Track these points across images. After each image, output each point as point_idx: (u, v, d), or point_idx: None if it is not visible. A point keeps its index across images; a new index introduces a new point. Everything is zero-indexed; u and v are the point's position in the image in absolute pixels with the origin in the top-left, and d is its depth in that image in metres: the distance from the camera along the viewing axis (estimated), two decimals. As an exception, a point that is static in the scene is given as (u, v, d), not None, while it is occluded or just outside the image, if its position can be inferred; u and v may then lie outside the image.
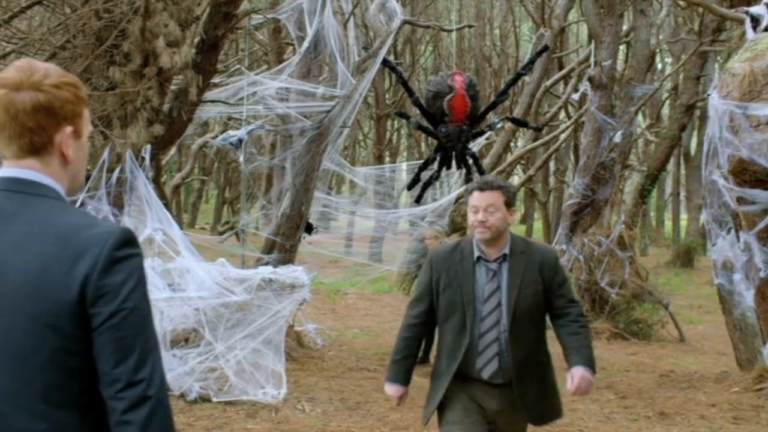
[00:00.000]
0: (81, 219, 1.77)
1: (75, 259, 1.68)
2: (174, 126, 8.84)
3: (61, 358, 1.68)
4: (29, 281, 1.67)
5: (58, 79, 1.79)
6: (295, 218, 10.29)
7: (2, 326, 1.68)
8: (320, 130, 10.14)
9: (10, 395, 1.67)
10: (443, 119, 9.18)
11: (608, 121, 12.48)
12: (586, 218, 12.91)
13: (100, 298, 1.68)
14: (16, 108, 1.74)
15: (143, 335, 1.71)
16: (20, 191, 1.76)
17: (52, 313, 1.66)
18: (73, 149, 1.81)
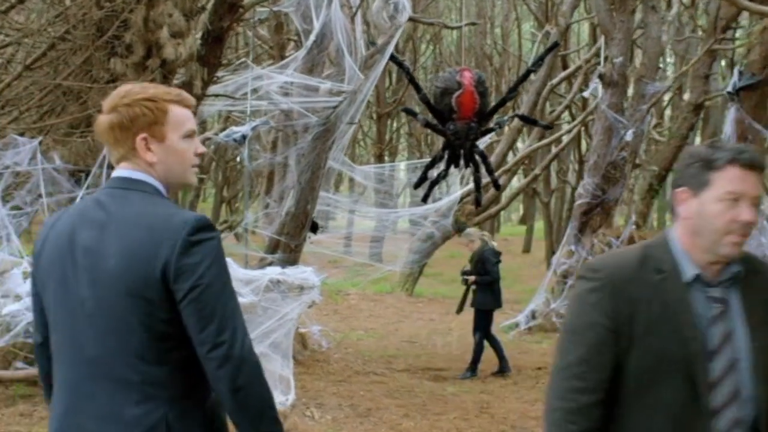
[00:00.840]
0: (165, 209, 2.12)
1: (158, 243, 2.04)
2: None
3: (150, 324, 2.06)
4: (124, 261, 2.06)
5: (132, 98, 2.17)
6: (301, 217, 9.97)
7: (106, 297, 2.08)
8: (326, 126, 9.82)
9: (113, 351, 2.07)
10: (451, 116, 8.84)
11: (619, 119, 12.17)
12: (596, 218, 12.59)
13: (179, 276, 2.03)
14: (103, 128, 2.19)
15: (221, 304, 2.05)
16: (121, 187, 2.17)
17: (142, 288, 2.04)
18: (154, 152, 2.18)
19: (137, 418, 2.06)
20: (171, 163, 2.21)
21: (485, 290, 9.56)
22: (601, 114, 12.42)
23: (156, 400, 2.08)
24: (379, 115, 24.67)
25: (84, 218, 2.17)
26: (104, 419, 2.08)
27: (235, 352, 2.03)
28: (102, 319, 2.09)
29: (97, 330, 2.10)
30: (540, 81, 16.63)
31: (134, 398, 2.07)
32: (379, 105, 24.70)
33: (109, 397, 2.08)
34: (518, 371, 9.61)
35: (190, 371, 2.10)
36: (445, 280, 21.08)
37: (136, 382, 2.07)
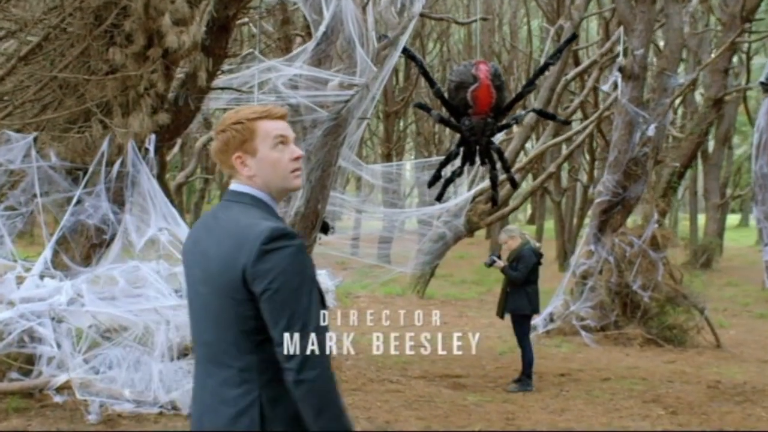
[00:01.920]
0: (252, 219, 2.40)
1: (240, 250, 2.33)
2: (180, 115, 8.04)
3: (242, 319, 2.35)
4: (219, 265, 2.38)
5: (225, 124, 2.51)
6: (311, 217, 9.47)
7: (210, 295, 2.42)
8: (337, 121, 9.32)
9: (218, 340, 2.40)
10: (466, 111, 8.38)
11: (640, 113, 11.68)
12: (617, 217, 12.11)
13: (254, 280, 2.30)
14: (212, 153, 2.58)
15: (289, 306, 2.28)
16: (228, 199, 2.52)
17: (231, 289, 2.34)
18: (249, 167, 2.49)
19: (235, 399, 2.37)
20: (267, 173, 2.49)
21: (519, 292, 8.90)
22: (622, 108, 11.92)
23: (250, 383, 2.36)
24: (387, 113, 24.20)
25: (205, 224, 2.57)
26: (214, 396, 2.42)
27: (302, 349, 2.27)
28: (212, 313, 2.43)
29: (207, 321, 2.46)
30: (554, 76, 16.14)
31: (234, 381, 2.38)
32: (387, 103, 24.24)
33: (218, 378, 2.41)
34: (540, 378, 9.11)
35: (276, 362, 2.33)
36: (455, 281, 20.62)
37: (236, 368, 2.38)
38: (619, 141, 11.93)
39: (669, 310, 11.83)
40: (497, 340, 11.83)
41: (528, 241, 9.11)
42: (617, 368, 9.96)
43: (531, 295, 8.82)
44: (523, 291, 8.78)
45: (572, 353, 10.91)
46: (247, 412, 2.37)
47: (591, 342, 11.42)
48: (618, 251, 11.82)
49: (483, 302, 16.76)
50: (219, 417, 2.41)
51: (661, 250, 11.80)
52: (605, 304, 11.80)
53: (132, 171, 6.98)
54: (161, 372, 6.48)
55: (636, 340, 11.39)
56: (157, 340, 6.52)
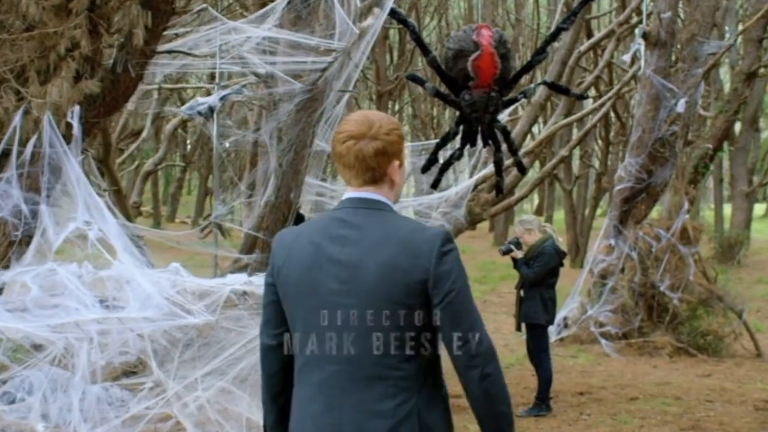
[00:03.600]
0: (411, 225, 2.60)
1: (415, 255, 2.48)
2: (118, 84, 6.97)
3: (406, 325, 2.49)
4: (382, 273, 2.48)
5: (388, 127, 2.61)
6: (282, 208, 8.46)
7: (367, 305, 2.49)
8: (313, 93, 8.30)
9: (371, 351, 2.49)
10: (467, 84, 7.42)
11: (668, 85, 10.66)
12: (640, 206, 11.12)
13: (437, 283, 2.47)
14: (363, 153, 2.57)
15: (470, 305, 2.51)
16: (365, 207, 2.59)
17: (401, 293, 2.47)
18: (398, 176, 2.67)
19: (393, 410, 2.47)
20: (401, 185, 2.71)
21: (533, 298, 7.81)
22: (646, 80, 10.91)
23: (408, 392, 2.49)
24: (379, 93, 23.17)
25: (329, 234, 2.57)
26: (364, 411, 2.48)
27: (484, 345, 2.48)
28: (363, 322, 2.49)
29: (357, 332, 2.49)
30: (565, 48, 15.06)
31: (389, 392, 2.48)
32: (379, 82, 23.23)
33: (366, 391, 2.48)
34: (555, 397, 8.11)
35: (433, 367, 2.55)
36: (456, 279, 19.59)
37: (391, 378, 2.48)
38: (644, 118, 10.93)
39: (702, 314, 10.86)
40: (504, 349, 10.82)
41: (550, 236, 8.00)
42: (645, 384, 8.96)
43: (547, 301, 7.75)
44: (537, 296, 7.73)
45: (591, 365, 9.91)
46: (406, 422, 2.48)
47: (612, 351, 10.45)
48: (642, 246, 10.85)
49: (487, 303, 15.74)
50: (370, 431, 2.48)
51: (692, 244, 10.78)
52: (628, 308, 10.87)
53: (50, 151, 5.93)
54: (83, 401, 5.48)
55: (664, 350, 10.41)
56: (79, 362, 5.50)
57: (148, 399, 5.54)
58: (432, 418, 2.51)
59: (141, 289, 5.36)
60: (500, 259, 23.28)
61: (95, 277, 5.62)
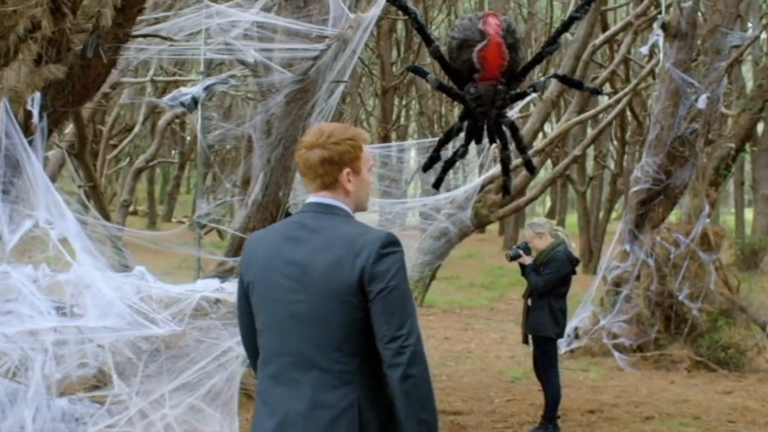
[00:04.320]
0: (359, 229, 2.82)
1: (356, 255, 2.72)
2: (89, 70, 6.54)
3: (350, 321, 2.73)
4: (328, 272, 2.74)
5: (338, 137, 2.87)
6: (270, 207, 8.11)
7: (314, 301, 2.75)
8: (304, 84, 7.93)
9: (317, 345, 2.74)
10: (472, 76, 7.02)
11: (689, 80, 10.23)
12: (658, 209, 10.68)
13: (372, 281, 2.70)
14: (313, 161, 2.87)
15: (402, 305, 2.69)
16: (321, 211, 2.87)
17: (344, 292, 2.71)
18: (352, 184, 2.89)
19: (336, 401, 2.70)
20: (361, 193, 2.94)
21: (541, 308, 7.34)
22: (666, 74, 10.47)
23: (350, 385, 2.72)
24: (384, 89, 22.77)
25: (287, 236, 2.86)
26: (309, 401, 2.71)
27: (410, 345, 2.65)
28: (310, 320, 2.75)
29: (306, 329, 2.76)
30: (579, 42, 14.67)
31: (332, 384, 2.71)
32: (384, 78, 22.85)
33: (312, 384, 2.72)
34: (563, 415, 7.68)
35: (376, 363, 2.72)
36: (462, 285, 19.20)
37: (335, 370, 2.72)
38: (662, 115, 10.48)
39: (723, 325, 10.39)
40: (510, 361, 10.41)
41: (562, 241, 7.51)
42: (661, 402, 8.52)
43: (557, 312, 7.29)
44: (546, 306, 7.27)
45: (603, 380, 9.46)
46: (346, 414, 2.69)
47: (626, 365, 10.00)
48: (660, 252, 10.40)
49: (494, 311, 15.34)
50: (314, 422, 2.70)
51: (713, 250, 10.34)
52: (643, 318, 10.42)
53: (6, 142, 5.53)
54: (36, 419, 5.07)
55: (682, 364, 9.96)
56: (32, 376, 5.09)
57: (110, 416, 5.14)
58: (374, 414, 2.74)
59: (101, 295, 4.96)
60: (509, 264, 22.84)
61: (53, 281, 5.23)
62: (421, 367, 2.66)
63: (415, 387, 2.64)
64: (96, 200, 8.77)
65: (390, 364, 2.66)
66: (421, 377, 2.65)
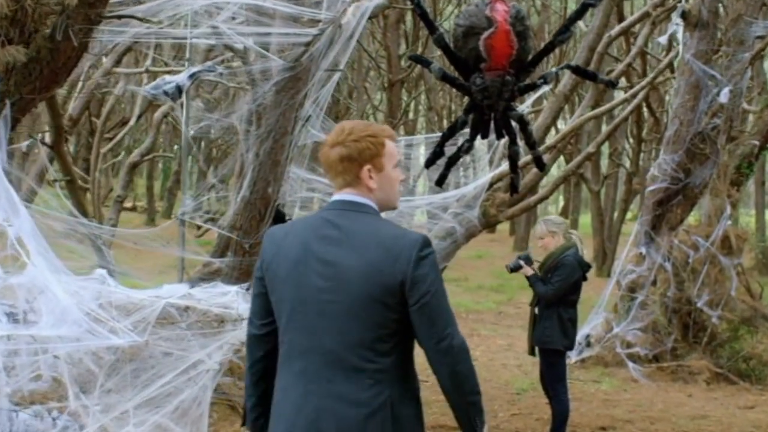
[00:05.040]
0: (394, 230, 2.91)
1: (395, 259, 2.79)
2: (59, 54, 6.18)
3: (383, 323, 2.80)
4: (365, 273, 2.79)
5: (358, 134, 2.93)
6: (258, 205, 7.70)
7: (348, 301, 2.81)
8: (296, 72, 7.52)
9: (351, 344, 2.80)
10: (478, 66, 6.66)
11: (710, 72, 9.78)
12: (676, 210, 10.23)
13: (414, 285, 2.78)
14: (333, 159, 2.94)
15: (444, 306, 2.83)
16: (349, 209, 2.93)
17: (381, 293, 2.78)
18: (374, 181, 2.94)
19: (368, 399, 2.78)
20: (386, 189, 2.98)
21: (549, 317, 6.89)
22: (685, 67, 10.03)
23: (382, 384, 2.80)
24: (391, 83, 22.32)
25: (317, 233, 2.90)
26: (340, 400, 2.79)
27: (456, 344, 2.81)
28: (343, 318, 2.80)
29: (338, 327, 2.81)
30: (593, 33, 14.17)
31: (366, 383, 2.79)
32: (390, 71, 22.39)
33: (344, 382, 2.80)
34: (572, 431, 7.25)
35: (407, 362, 2.89)
36: (470, 287, 18.76)
37: (369, 369, 2.80)
38: (681, 109, 10.04)
39: (744, 334, 9.96)
40: (516, 371, 9.98)
41: (574, 245, 7.02)
42: (678, 417, 8.09)
43: (566, 323, 6.83)
44: (554, 316, 6.81)
45: (616, 392, 9.02)
46: (378, 413, 2.79)
47: (641, 376, 9.56)
48: (678, 256, 9.97)
49: (502, 316, 14.89)
50: (347, 419, 2.79)
51: (734, 254, 9.89)
52: (659, 326, 10.01)
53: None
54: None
55: (701, 375, 9.51)
56: (-18, 389, 4.69)
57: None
58: (404, 410, 2.84)
59: (56, 300, 4.55)
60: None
61: (4, 285, 4.82)
62: (466, 363, 2.84)
63: (463, 380, 2.82)
64: (73, 196, 8.37)
65: (438, 363, 2.80)
66: (467, 371, 2.84)
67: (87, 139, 24.39)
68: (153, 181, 31.93)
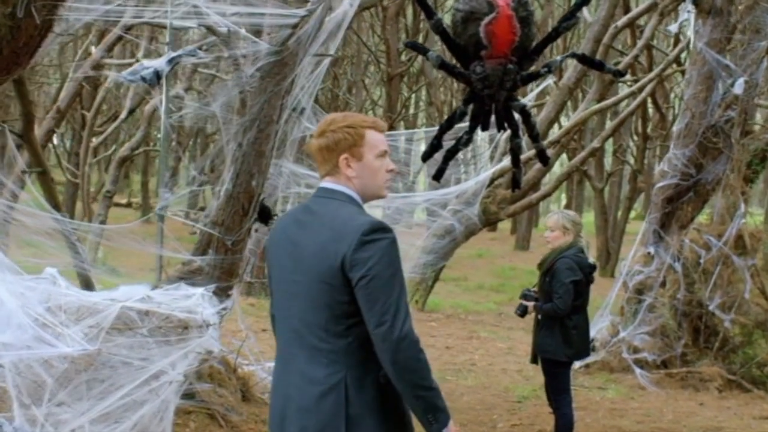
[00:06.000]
0: (351, 214, 3.00)
1: (339, 240, 2.90)
2: (19, 34, 5.69)
3: (334, 305, 2.91)
4: (317, 254, 2.94)
5: (336, 125, 3.07)
6: (241, 198, 7.21)
7: (305, 282, 2.96)
8: (282, 57, 7.04)
9: (309, 324, 2.96)
10: (478, 53, 6.28)
11: (724, 62, 9.30)
12: (687, 207, 9.75)
13: (353, 267, 2.86)
14: (314, 149, 3.13)
15: (385, 292, 2.84)
16: (324, 196, 3.08)
17: (327, 274, 2.90)
18: (353, 170, 3.06)
19: (324, 378, 2.91)
20: (367, 178, 3.07)
21: (551, 326, 6.39)
22: (698, 56, 9.53)
23: (338, 364, 2.91)
24: (390, 76, 21.89)
25: (295, 218, 3.14)
26: (302, 377, 2.96)
27: (395, 331, 2.81)
28: (303, 299, 2.98)
29: (299, 307, 3.00)
30: (599, 24, 13.75)
31: (323, 362, 2.92)
32: (390, 64, 21.97)
33: (305, 360, 2.96)
34: (577, 444, 6.75)
35: (366, 345, 2.90)
36: (469, 287, 18.32)
37: (324, 350, 2.93)
38: (693, 101, 9.54)
39: (758, 339, 9.47)
40: (517, 377, 9.49)
41: (577, 243, 6.47)
42: (690, 428, 7.62)
43: (570, 331, 6.29)
44: (556, 324, 6.28)
45: (622, 401, 8.53)
46: (332, 392, 2.89)
47: (649, 383, 9.07)
48: (688, 256, 9.50)
49: (502, 317, 14.40)
50: (305, 395, 2.94)
51: (749, 255, 9.40)
52: (669, 330, 9.51)
53: None
54: None
55: (713, 382, 9.03)
56: None
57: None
58: (361, 395, 2.91)
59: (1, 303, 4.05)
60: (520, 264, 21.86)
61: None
62: (411, 354, 2.84)
63: (404, 369, 2.84)
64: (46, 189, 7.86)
65: (379, 349, 2.85)
66: (412, 363, 2.85)
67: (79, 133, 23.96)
68: (148, 176, 31.47)
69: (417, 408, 2.91)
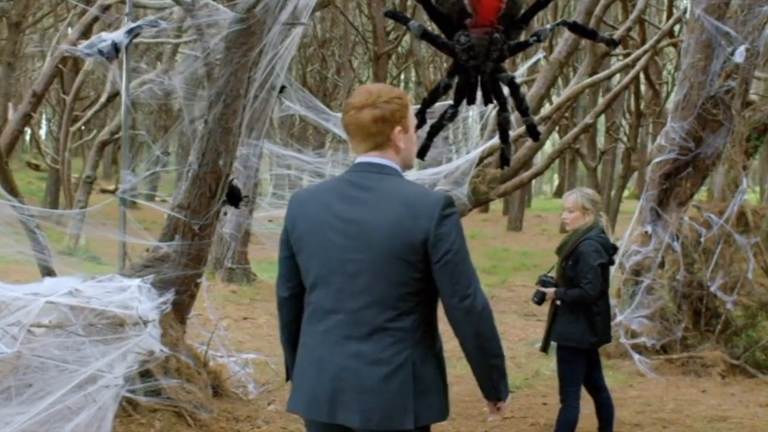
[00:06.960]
0: (418, 189, 3.02)
1: (419, 216, 2.89)
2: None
3: (407, 281, 2.91)
4: (388, 231, 2.89)
5: (387, 96, 3.05)
6: (208, 179, 6.72)
7: (373, 259, 2.91)
8: (249, 25, 6.54)
9: (374, 303, 2.92)
10: (463, 23, 6.04)
11: (724, 29, 8.79)
12: (685, 184, 9.26)
13: (437, 242, 2.88)
14: (362, 122, 3.03)
15: (466, 266, 2.92)
16: (373, 171, 3.02)
17: (404, 251, 2.88)
18: (402, 141, 3.06)
19: (389, 358, 2.89)
20: (409, 150, 3.11)
21: (573, 313, 5.89)
22: (696, 23, 9.00)
23: (404, 343, 2.91)
24: (377, 55, 21.39)
25: (341, 195, 3.01)
26: (359, 358, 2.91)
27: (479, 303, 2.91)
28: (369, 277, 2.91)
29: (361, 286, 2.92)
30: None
31: (387, 342, 2.90)
32: (377, 43, 21.48)
33: (366, 341, 2.92)
34: (572, 438, 6.26)
35: (430, 322, 2.98)
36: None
37: (390, 328, 2.91)
38: (692, 71, 9.02)
39: (762, 321, 9.01)
40: (509, 363, 8.89)
41: (598, 223, 5.97)
42: (693, 418, 7.12)
43: (594, 316, 5.81)
44: (581, 308, 5.81)
45: (621, 389, 8.02)
46: (400, 370, 2.89)
47: (648, 369, 8.60)
48: (688, 235, 9.04)
49: (494, 300, 13.88)
50: (367, 377, 2.90)
51: (751, 233, 8.90)
52: (668, 313, 9.04)
53: None
54: None
55: (715, 368, 8.56)
56: None
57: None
58: (425, 370, 2.95)
59: None
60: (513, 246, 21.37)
61: None
62: (489, 322, 2.94)
63: (488, 341, 2.94)
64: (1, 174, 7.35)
65: (461, 322, 2.91)
66: (490, 331, 2.95)
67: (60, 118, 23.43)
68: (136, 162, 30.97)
69: (490, 376, 2.98)
